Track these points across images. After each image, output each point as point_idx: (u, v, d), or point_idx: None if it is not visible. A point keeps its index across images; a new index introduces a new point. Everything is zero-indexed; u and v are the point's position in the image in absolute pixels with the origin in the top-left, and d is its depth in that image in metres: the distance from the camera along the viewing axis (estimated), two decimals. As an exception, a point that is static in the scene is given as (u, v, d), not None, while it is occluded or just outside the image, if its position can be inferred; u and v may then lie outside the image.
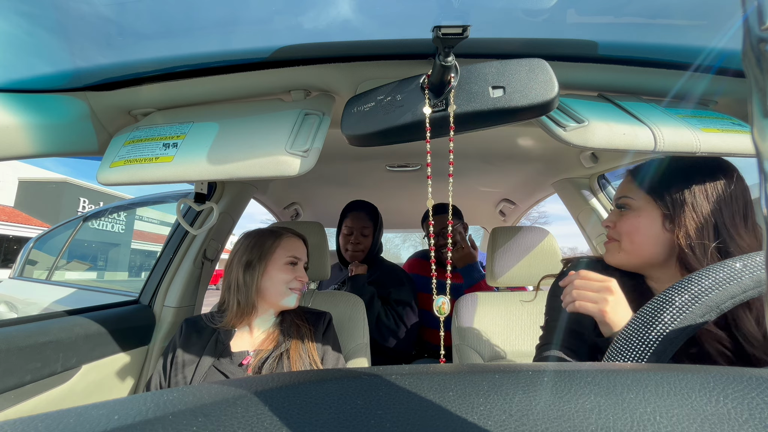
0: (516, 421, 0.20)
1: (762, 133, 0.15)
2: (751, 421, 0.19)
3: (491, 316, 1.13)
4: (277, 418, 0.20)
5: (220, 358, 0.83)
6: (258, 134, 0.63)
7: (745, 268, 0.36)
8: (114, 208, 2.42)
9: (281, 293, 0.89)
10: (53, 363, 0.82)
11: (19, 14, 0.52)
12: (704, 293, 0.36)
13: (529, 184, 1.72)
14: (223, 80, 0.71)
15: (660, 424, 0.19)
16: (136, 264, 13.31)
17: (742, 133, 0.64)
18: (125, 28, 0.57)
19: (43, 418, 0.20)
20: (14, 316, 1.16)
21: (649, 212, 0.60)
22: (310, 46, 0.64)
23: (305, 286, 0.94)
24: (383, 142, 0.61)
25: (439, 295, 0.51)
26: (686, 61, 0.66)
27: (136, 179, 0.62)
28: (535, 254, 1.15)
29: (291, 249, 0.93)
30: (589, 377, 0.23)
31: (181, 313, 1.21)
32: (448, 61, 0.53)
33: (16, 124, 0.60)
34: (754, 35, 0.16)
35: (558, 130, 0.61)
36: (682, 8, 0.57)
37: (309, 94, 0.75)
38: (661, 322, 0.36)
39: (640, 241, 0.60)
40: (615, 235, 0.65)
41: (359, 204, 1.63)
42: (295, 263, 0.92)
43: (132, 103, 0.74)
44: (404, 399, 0.22)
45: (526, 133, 1.15)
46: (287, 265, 0.91)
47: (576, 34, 0.62)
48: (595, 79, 0.71)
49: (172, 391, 0.23)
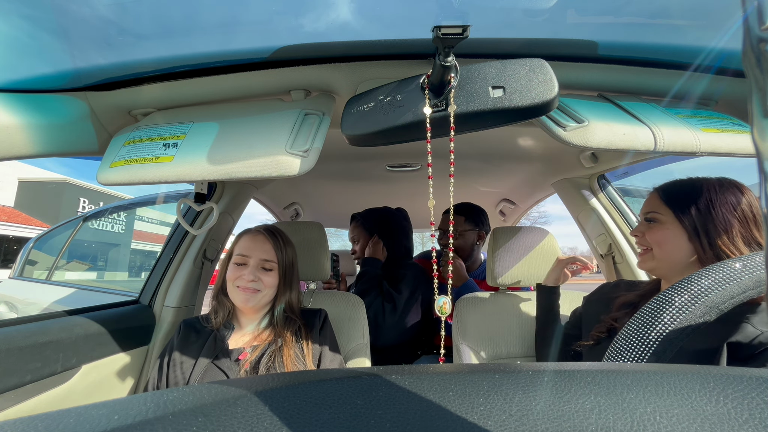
0: (516, 421, 0.20)
1: (762, 133, 0.15)
2: (751, 421, 0.19)
3: (491, 316, 1.13)
4: (277, 418, 0.20)
5: (218, 356, 0.83)
6: (258, 134, 0.63)
7: (745, 268, 0.36)
8: (114, 208, 2.42)
9: (231, 291, 0.88)
10: (53, 363, 0.82)
11: (19, 14, 0.52)
12: (704, 293, 0.36)
13: (529, 184, 1.71)
14: (223, 80, 0.71)
15: (660, 424, 0.19)
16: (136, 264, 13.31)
17: (742, 133, 0.64)
18: (125, 28, 0.57)
19: (43, 418, 0.20)
20: (14, 316, 1.16)
21: (675, 226, 0.68)
22: (310, 46, 0.64)
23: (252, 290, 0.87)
24: (383, 142, 0.61)
25: (440, 296, 0.51)
26: (686, 61, 0.66)
27: (136, 179, 0.62)
28: (535, 254, 1.15)
29: (242, 248, 0.90)
30: (589, 377, 0.23)
31: (181, 313, 1.21)
32: (448, 61, 0.53)
33: (16, 124, 0.60)
34: (754, 35, 0.16)
35: (558, 130, 0.61)
36: (682, 8, 0.57)
37: (309, 94, 0.75)
38: (660, 322, 0.36)
39: (669, 250, 0.69)
40: (646, 244, 0.73)
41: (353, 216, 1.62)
42: (242, 263, 0.88)
43: (132, 103, 0.74)
44: (404, 399, 0.22)
45: (526, 133, 1.15)
46: (234, 264, 0.89)
47: (576, 34, 0.62)
48: (595, 79, 0.71)
49: (172, 391, 0.23)
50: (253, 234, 0.91)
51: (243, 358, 0.84)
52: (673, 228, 0.68)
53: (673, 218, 0.68)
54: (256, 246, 0.89)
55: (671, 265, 0.69)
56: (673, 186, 0.72)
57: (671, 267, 0.70)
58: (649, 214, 0.73)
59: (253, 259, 0.88)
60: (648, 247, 0.73)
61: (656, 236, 0.71)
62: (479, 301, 1.17)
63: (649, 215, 0.73)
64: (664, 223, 0.70)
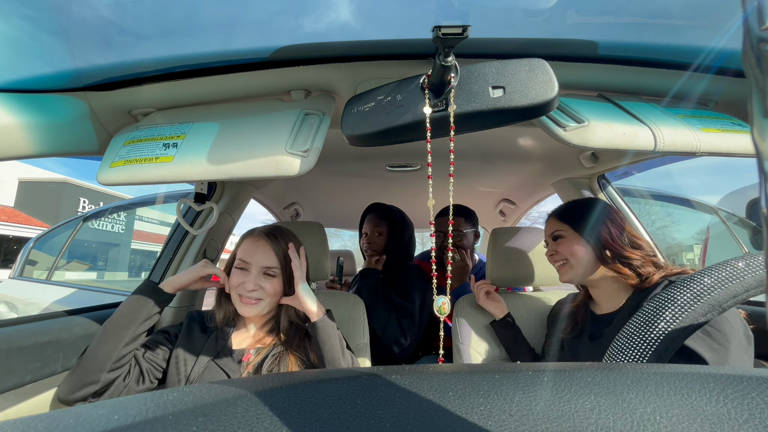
0: (516, 421, 0.20)
1: (762, 133, 0.15)
2: (751, 421, 0.19)
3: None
4: (277, 418, 0.20)
5: (219, 355, 0.83)
6: (258, 134, 0.63)
7: (748, 267, 0.36)
8: (114, 208, 2.42)
9: (234, 299, 0.84)
10: (53, 363, 0.82)
11: (19, 15, 0.52)
12: (706, 292, 0.36)
13: (529, 184, 1.71)
14: (223, 80, 0.71)
15: (660, 424, 0.19)
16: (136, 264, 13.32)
17: (742, 133, 0.64)
18: (125, 28, 0.57)
19: (43, 418, 0.20)
20: (14, 316, 1.16)
21: (575, 236, 0.87)
22: (310, 46, 0.64)
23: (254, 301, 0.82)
24: (383, 142, 0.61)
25: (439, 295, 0.51)
26: (686, 61, 0.66)
27: (136, 179, 0.62)
28: (535, 254, 1.15)
29: (243, 252, 0.85)
30: (589, 377, 0.23)
31: (180, 313, 1.21)
32: (448, 61, 0.53)
33: (16, 124, 0.60)
34: (754, 35, 0.16)
35: (558, 130, 0.62)
36: (682, 8, 0.57)
37: (309, 94, 0.75)
38: (663, 320, 0.36)
39: (580, 255, 0.85)
40: (561, 258, 0.89)
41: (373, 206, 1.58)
42: (243, 268, 0.84)
43: (132, 103, 0.74)
44: (404, 399, 0.22)
45: (526, 133, 1.15)
46: (236, 269, 0.85)
47: (576, 34, 0.62)
48: (595, 79, 0.71)
49: (172, 391, 0.23)
50: (254, 238, 0.87)
51: (246, 359, 0.83)
52: (575, 238, 0.86)
53: (572, 231, 0.87)
54: (257, 251, 0.85)
55: (585, 269, 0.85)
56: (564, 208, 0.94)
57: (585, 271, 0.85)
58: (554, 233, 0.91)
59: (255, 267, 0.84)
60: (564, 260, 0.88)
61: (567, 248, 0.87)
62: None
63: (555, 233, 0.91)
64: (568, 237, 0.88)
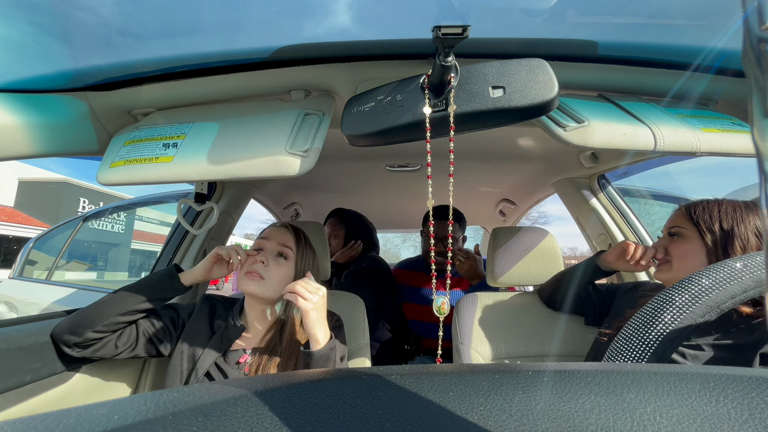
0: (516, 421, 0.20)
1: (762, 133, 0.15)
2: (751, 421, 0.19)
3: (491, 317, 1.13)
4: (277, 418, 0.20)
5: (222, 355, 0.82)
6: (258, 134, 0.63)
7: (746, 268, 0.36)
8: (114, 208, 2.42)
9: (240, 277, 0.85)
10: (53, 363, 0.82)
11: (19, 15, 0.52)
12: (704, 293, 0.36)
13: (529, 184, 1.71)
14: (223, 80, 0.71)
15: (660, 424, 0.19)
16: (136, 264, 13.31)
17: (742, 133, 0.64)
18: (125, 28, 0.57)
19: (43, 418, 0.20)
20: (14, 316, 1.16)
21: (698, 241, 0.74)
22: (310, 47, 0.64)
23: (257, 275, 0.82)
24: (383, 142, 0.61)
25: (439, 295, 0.51)
26: (686, 61, 0.66)
27: (136, 179, 0.62)
28: (535, 254, 1.15)
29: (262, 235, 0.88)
30: (589, 377, 0.23)
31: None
32: (448, 61, 0.53)
33: (16, 124, 0.60)
34: (754, 35, 0.16)
35: (558, 130, 0.61)
36: (682, 8, 0.57)
37: (309, 94, 0.75)
38: (661, 321, 0.36)
39: (689, 264, 0.75)
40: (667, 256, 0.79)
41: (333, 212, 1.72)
42: (258, 249, 0.87)
43: (132, 103, 0.74)
44: (404, 399, 0.22)
45: (526, 133, 1.15)
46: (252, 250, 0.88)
47: (576, 34, 0.62)
48: (595, 79, 0.71)
49: (172, 391, 0.23)
50: (277, 226, 0.91)
51: (243, 361, 0.83)
52: (696, 243, 0.74)
53: (697, 235, 0.74)
54: (275, 234, 0.88)
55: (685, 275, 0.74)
56: (699, 205, 0.78)
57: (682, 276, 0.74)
58: (673, 228, 0.79)
59: (270, 243, 0.86)
60: (667, 259, 0.79)
61: (679, 250, 0.76)
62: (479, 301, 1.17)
63: (673, 230, 0.79)
64: (688, 239, 0.76)
